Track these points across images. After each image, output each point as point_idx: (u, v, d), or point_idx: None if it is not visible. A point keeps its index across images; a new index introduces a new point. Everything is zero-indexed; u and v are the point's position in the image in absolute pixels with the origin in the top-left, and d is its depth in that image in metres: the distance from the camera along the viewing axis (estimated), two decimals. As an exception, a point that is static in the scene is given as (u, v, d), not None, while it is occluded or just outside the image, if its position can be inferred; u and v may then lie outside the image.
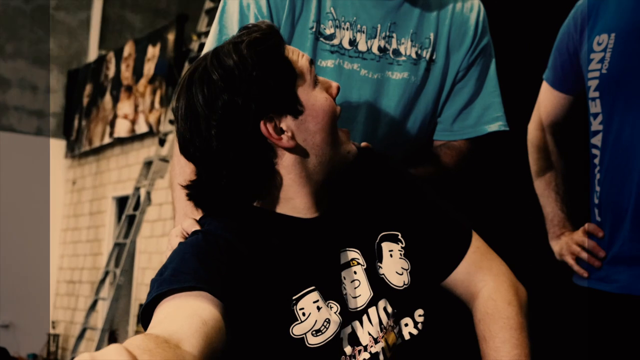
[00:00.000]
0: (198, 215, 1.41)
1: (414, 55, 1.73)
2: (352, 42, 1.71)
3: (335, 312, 1.29)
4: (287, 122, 1.29)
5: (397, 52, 1.72)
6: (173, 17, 8.01)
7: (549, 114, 2.03)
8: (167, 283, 1.16)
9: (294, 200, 1.33)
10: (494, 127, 1.81)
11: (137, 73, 8.08)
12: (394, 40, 1.72)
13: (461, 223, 1.47)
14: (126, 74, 8.31)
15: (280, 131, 1.29)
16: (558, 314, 2.23)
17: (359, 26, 1.71)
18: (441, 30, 1.76)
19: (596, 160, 1.81)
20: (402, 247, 1.41)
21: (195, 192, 1.34)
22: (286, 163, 1.31)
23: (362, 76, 1.71)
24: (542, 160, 2.06)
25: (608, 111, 1.76)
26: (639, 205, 1.70)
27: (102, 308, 7.25)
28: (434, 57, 1.75)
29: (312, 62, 1.36)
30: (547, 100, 2.02)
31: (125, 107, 8.17)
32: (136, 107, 7.96)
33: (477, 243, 1.46)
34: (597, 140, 1.80)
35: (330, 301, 1.30)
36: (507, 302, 1.40)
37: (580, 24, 1.87)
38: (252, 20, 1.68)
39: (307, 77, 1.33)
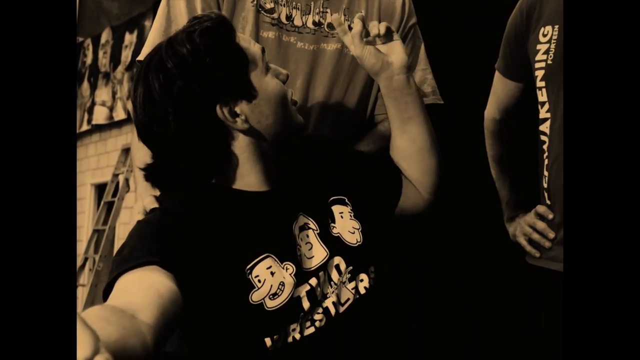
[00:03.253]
0: (158, 192, 1.47)
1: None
2: (289, 18, 1.81)
3: (290, 274, 1.36)
4: (241, 107, 1.36)
5: (331, 26, 1.83)
6: (150, 4, 7.95)
7: (502, 101, 2.09)
8: (125, 261, 1.22)
9: (248, 177, 1.40)
10: (429, 100, 1.92)
11: (115, 60, 8.06)
12: (328, 15, 1.83)
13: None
14: (103, 61, 8.30)
15: (234, 114, 1.35)
16: (512, 291, 2.31)
17: (294, 3, 1.82)
18: (371, 9, 1.88)
19: (545, 147, 1.85)
20: (350, 210, 1.51)
21: (152, 174, 1.41)
22: (241, 144, 1.38)
23: (298, 48, 1.81)
24: (498, 145, 2.14)
25: (554, 100, 1.80)
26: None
27: (82, 294, 7.28)
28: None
29: (263, 50, 1.42)
30: (500, 88, 2.08)
31: (103, 94, 8.17)
32: (114, 94, 7.96)
33: None
34: (545, 127, 1.85)
35: (287, 262, 1.37)
36: None
37: (527, 15, 1.91)
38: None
39: (260, 63, 1.39)
